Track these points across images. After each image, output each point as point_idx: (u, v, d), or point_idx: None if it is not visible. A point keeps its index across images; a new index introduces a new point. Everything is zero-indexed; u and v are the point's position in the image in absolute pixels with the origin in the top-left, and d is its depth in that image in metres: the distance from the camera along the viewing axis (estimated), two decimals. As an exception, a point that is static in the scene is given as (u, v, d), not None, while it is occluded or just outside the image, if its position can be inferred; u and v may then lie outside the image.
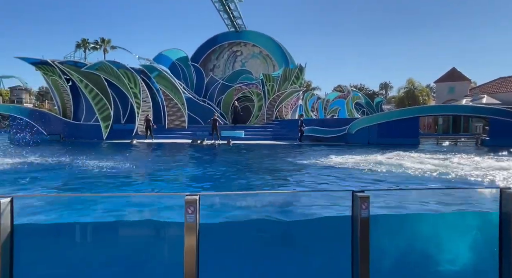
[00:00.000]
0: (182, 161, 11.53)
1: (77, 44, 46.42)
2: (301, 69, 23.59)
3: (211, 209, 3.26)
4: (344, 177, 7.07)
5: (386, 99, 55.55)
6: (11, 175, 7.19)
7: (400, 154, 10.76)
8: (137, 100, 20.07)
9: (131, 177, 7.42)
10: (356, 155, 10.72)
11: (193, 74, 25.55)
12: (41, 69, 20.31)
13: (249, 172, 8.37)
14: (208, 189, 5.72)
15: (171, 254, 3.19)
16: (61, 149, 14.07)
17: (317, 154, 12.05)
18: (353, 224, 2.66)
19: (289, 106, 23.66)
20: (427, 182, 6.35)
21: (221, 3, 26.42)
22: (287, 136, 20.37)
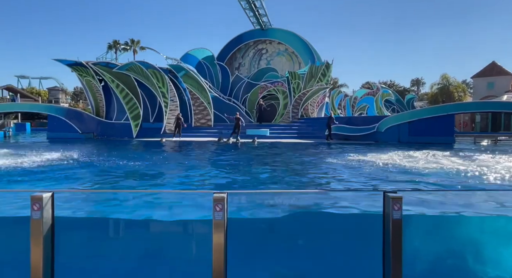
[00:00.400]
0: (216, 158, 11.68)
1: (109, 45, 48.42)
2: (327, 66, 23.18)
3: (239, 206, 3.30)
4: (387, 176, 6.82)
5: (418, 96, 53.33)
6: (56, 170, 7.63)
7: (445, 154, 10.33)
8: (165, 100, 20.62)
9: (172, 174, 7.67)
10: (390, 152, 10.42)
11: (219, 73, 25.88)
12: (76, 70, 21.38)
13: (281, 171, 8.36)
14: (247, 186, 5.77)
15: (200, 250, 3.26)
16: (100, 147, 14.72)
17: (346, 152, 11.83)
18: (385, 225, 2.59)
19: (315, 104, 23.34)
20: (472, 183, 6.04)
21: (247, 1, 26.51)
22: (313, 135, 20.12)
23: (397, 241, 2.48)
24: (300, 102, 22.82)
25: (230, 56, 28.52)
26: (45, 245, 2.65)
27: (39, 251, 2.63)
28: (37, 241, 2.63)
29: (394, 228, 2.50)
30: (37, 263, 2.63)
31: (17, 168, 7.81)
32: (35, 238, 2.63)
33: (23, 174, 7.05)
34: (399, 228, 2.51)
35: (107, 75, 20.54)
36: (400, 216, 2.56)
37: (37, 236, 2.63)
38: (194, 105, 21.45)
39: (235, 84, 24.93)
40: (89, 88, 21.83)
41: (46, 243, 2.67)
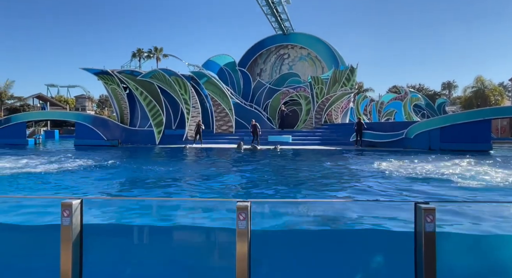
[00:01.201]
0: (239, 166, 11.72)
1: (133, 53, 50.27)
2: (352, 70, 22.88)
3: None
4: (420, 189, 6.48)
5: (450, 100, 51.37)
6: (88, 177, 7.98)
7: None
8: (187, 106, 21.06)
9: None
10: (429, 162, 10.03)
11: (240, 79, 26.17)
12: (102, 78, 22.31)
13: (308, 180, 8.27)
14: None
15: (223, 258, 3.28)
16: (127, 155, 15.03)
17: (375, 159, 11.54)
18: (416, 238, 2.50)
19: (339, 110, 23.03)
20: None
21: (269, 7, 26.78)
22: (337, 141, 19.84)
23: (431, 255, 2.39)
24: (324, 108, 22.61)
25: (251, 62, 28.81)
26: (74, 250, 2.76)
27: (68, 255, 2.74)
28: (66, 246, 2.75)
29: (426, 242, 2.41)
30: (66, 268, 2.74)
31: (63, 172, 8.21)
32: (65, 243, 2.75)
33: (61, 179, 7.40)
34: (433, 242, 2.42)
35: (132, 83, 21.28)
36: (434, 228, 2.46)
37: (67, 241, 2.75)
38: (216, 112, 21.76)
39: (257, 90, 25.10)
40: (114, 96, 22.68)
41: (75, 248, 2.78)
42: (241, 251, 2.73)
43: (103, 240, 3.36)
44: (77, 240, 2.80)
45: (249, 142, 18.60)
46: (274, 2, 26.24)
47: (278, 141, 18.96)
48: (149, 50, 51.50)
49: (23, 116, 23.37)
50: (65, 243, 2.75)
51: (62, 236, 2.74)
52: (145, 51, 51.28)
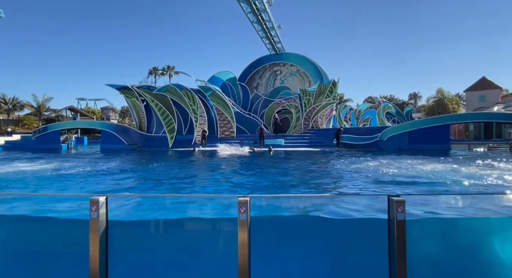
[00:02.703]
0: (246, 163, 11.64)
1: (149, 71, 50.29)
2: (334, 84, 22.99)
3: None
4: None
5: (416, 108, 51.65)
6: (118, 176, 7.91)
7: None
8: (195, 115, 21.05)
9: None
10: (410, 160, 10.05)
11: (240, 91, 26.22)
12: (123, 92, 22.26)
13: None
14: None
15: (227, 247, 3.27)
16: (149, 157, 14.70)
17: (356, 158, 11.57)
18: (390, 227, 2.51)
19: (323, 117, 23.11)
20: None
21: (264, 31, 26.91)
22: (322, 144, 19.91)
23: (402, 242, 2.39)
24: (311, 116, 22.68)
25: (249, 77, 28.90)
26: (100, 241, 2.74)
27: (96, 246, 2.72)
28: (94, 237, 2.73)
29: (398, 230, 2.42)
30: (94, 256, 2.72)
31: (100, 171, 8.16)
32: (93, 235, 2.73)
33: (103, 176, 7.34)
34: (403, 230, 2.43)
35: (148, 96, 21.25)
36: (404, 217, 2.48)
37: (95, 233, 2.73)
38: (220, 120, 21.74)
39: (254, 101, 25.14)
40: (133, 107, 22.63)
41: (102, 238, 2.76)
42: (242, 238, 2.73)
43: (124, 231, 3.34)
44: (104, 231, 2.78)
45: (248, 145, 18.56)
46: (268, 28, 26.37)
47: (273, 144, 18.96)
48: (163, 68, 51.57)
49: (57, 126, 23.24)
50: (94, 234, 2.74)
51: (91, 228, 2.73)
52: (160, 69, 51.35)
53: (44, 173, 8.42)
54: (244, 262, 2.73)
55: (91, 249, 2.72)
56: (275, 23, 26.55)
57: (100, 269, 2.73)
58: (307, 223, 3.35)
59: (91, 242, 2.71)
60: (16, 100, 46.90)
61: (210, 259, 3.31)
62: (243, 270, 2.72)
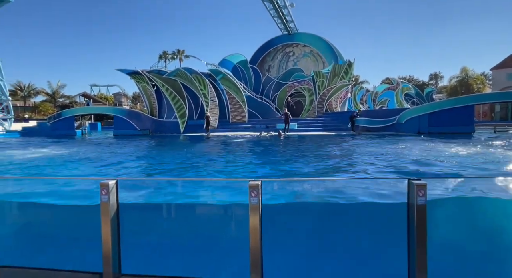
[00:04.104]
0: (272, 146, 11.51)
1: (160, 55, 50.19)
2: (349, 64, 22.24)
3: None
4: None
5: (437, 89, 49.62)
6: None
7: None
8: (206, 100, 21.00)
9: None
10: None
11: (252, 75, 25.83)
12: (134, 77, 22.38)
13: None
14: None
15: (239, 230, 3.27)
16: (163, 142, 14.66)
17: (373, 142, 11.31)
18: (409, 211, 2.40)
19: (338, 100, 22.57)
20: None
21: (275, 10, 26.07)
22: (337, 127, 19.56)
23: (422, 228, 2.29)
24: (325, 99, 22.19)
25: (261, 59, 28.36)
26: (112, 223, 2.78)
27: (108, 228, 2.76)
28: (105, 220, 2.77)
29: (418, 215, 2.31)
30: (106, 238, 2.77)
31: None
32: (104, 217, 2.77)
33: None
34: (424, 215, 2.31)
35: (159, 80, 21.28)
36: (425, 202, 2.36)
37: (106, 216, 2.77)
38: (231, 104, 21.63)
39: (266, 84, 24.77)
40: (144, 92, 22.79)
41: (113, 221, 2.80)
42: (254, 223, 2.70)
43: (136, 214, 3.38)
44: (115, 214, 2.82)
45: (260, 130, 18.47)
46: (280, 6, 25.49)
47: (282, 129, 18.77)
48: (173, 52, 51.33)
49: (71, 111, 23.80)
50: (105, 217, 2.77)
51: (101, 211, 2.76)
52: (170, 53, 51.13)
53: (64, 157, 8.70)
54: (256, 247, 2.71)
55: (103, 232, 2.76)
56: (287, 1, 25.60)
57: (112, 251, 2.79)
58: (322, 209, 3.29)
59: (103, 225, 2.76)
60: (32, 87, 48.23)
61: (222, 244, 3.33)
62: (255, 254, 2.71)
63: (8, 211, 3.78)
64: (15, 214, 3.74)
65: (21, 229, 3.66)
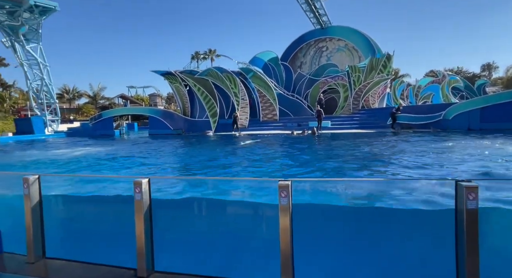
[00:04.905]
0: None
1: (192, 56, 51.92)
2: (388, 57, 21.11)
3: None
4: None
5: (490, 81, 45.29)
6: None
7: None
8: (236, 99, 21.26)
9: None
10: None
11: (283, 72, 25.63)
12: (167, 78, 23.37)
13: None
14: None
15: (268, 229, 3.25)
16: (199, 141, 14.95)
17: (419, 139, 10.64)
18: (457, 216, 2.20)
19: (376, 95, 21.54)
20: None
21: (307, 4, 25.62)
22: (375, 125, 18.67)
23: (473, 234, 2.08)
24: (361, 94, 21.32)
25: (292, 56, 28.02)
26: (145, 219, 2.92)
27: (141, 225, 2.90)
28: (139, 217, 2.91)
29: (469, 220, 2.10)
30: (140, 235, 2.91)
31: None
32: (138, 214, 2.91)
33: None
34: (475, 220, 2.10)
35: (191, 80, 21.98)
36: (476, 206, 2.14)
37: (139, 212, 2.91)
38: (262, 102, 21.66)
39: (298, 81, 24.43)
40: (177, 92, 23.69)
41: (146, 219, 2.93)
42: (284, 224, 2.67)
43: (168, 211, 3.51)
44: (147, 211, 2.95)
45: (291, 128, 18.28)
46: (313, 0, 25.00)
47: (316, 126, 18.36)
48: (204, 52, 52.78)
49: (110, 112, 25.50)
50: (138, 213, 2.91)
51: (135, 208, 2.90)
52: (201, 53, 52.63)
53: (107, 155, 9.37)
54: (287, 249, 2.67)
55: (137, 229, 2.91)
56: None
57: (146, 248, 2.92)
58: (359, 213, 3.15)
59: (136, 222, 2.90)
60: (76, 90, 52.60)
61: (252, 244, 3.33)
62: (286, 256, 2.67)
63: (54, 206, 4.13)
64: (60, 208, 4.08)
65: (65, 222, 3.97)
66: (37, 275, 3.01)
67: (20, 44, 21.92)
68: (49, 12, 21.78)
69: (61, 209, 4.25)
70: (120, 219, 3.81)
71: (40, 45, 22.89)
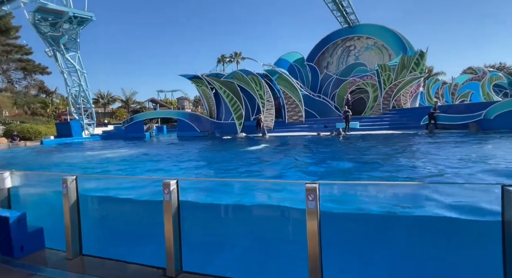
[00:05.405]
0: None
1: (218, 59, 52.96)
2: (421, 55, 20.09)
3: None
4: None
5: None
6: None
7: None
8: (262, 101, 21.31)
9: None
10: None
11: (309, 73, 25.33)
12: (194, 82, 24.00)
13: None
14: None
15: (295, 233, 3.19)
16: (228, 143, 15.24)
17: (461, 141, 10.00)
18: (504, 226, 2.01)
19: (408, 95, 20.56)
20: None
21: (334, 3, 25.14)
22: (407, 125, 17.81)
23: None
24: (392, 94, 20.47)
25: (318, 56, 27.60)
26: (173, 221, 2.99)
27: (170, 225, 2.98)
28: (168, 218, 2.99)
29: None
30: (169, 235, 2.99)
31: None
32: (167, 215, 2.99)
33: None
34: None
35: (217, 84, 22.39)
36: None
37: (168, 214, 2.98)
38: (287, 104, 21.53)
39: (324, 82, 24.00)
40: (204, 95, 24.23)
41: (174, 219, 3.00)
42: (312, 228, 2.61)
43: (195, 213, 3.57)
44: (176, 212, 3.02)
45: (317, 130, 17.97)
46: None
47: (343, 127, 17.88)
48: (230, 55, 53.60)
49: (141, 116, 26.65)
50: (167, 214, 2.99)
51: (164, 209, 2.99)
52: (227, 56, 53.51)
53: (137, 157, 9.82)
54: (315, 254, 2.61)
55: (166, 229, 2.98)
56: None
57: (174, 248, 2.99)
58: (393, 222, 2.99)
59: (165, 222, 2.98)
60: (110, 95, 55.67)
61: (280, 249, 3.29)
62: (314, 261, 2.61)
63: (90, 205, 4.36)
64: (95, 208, 4.31)
65: (100, 221, 4.18)
66: (75, 271, 3.19)
67: (60, 53, 23.62)
68: (86, 22, 23.27)
69: (95, 208, 4.48)
70: (149, 219, 3.93)
71: (78, 54, 24.50)
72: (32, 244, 3.63)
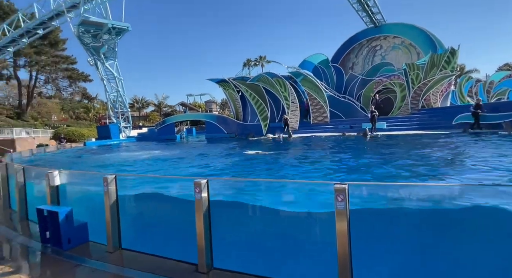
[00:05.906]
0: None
1: (244, 63, 53.52)
2: (452, 52, 18.88)
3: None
4: None
5: None
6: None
7: None
8: (287, 102, 21.17)
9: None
10: None
11: (333, 74, 24.78)
12: (221, 85, 24.41)
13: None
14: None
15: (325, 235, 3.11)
16: (263, 143, 15.40)
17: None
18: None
19: (438, 94, 19.40)
20: None
21: (360, 3, 24.43)
22: (437, 125, 16.77)
23: None
24: (420, 93, 19.42)
25: (343, 57, 26.95)
26: (204, 219, 3.03)
27: (201, 223, 3.02)
28: (199, 216, 3.04)
29: None
30: (200, 233, 3.04)
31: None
32: (198, 212, 3.04)
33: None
34: None
35: (243, 87, 22.58)
36: None
37: (199, 212, 3.04)
38: (312, 105, 21.21)
39: (349, 82, 23.34)
40: (230, 98, 24.55)
41: (205, 217, 3.05)
42: (341, 229, 2.53)
43: (225, 212, 3.60)
44: (206, 211, 3.06)
45: (342, 130, 17.48)
46: (364, -2, 23.74)
47: (369, 128, 17.22)
48: (255, 59, 53.95)
49: (172, 119, 27.56)
50: (198, 212, 3.04)
51: (196, 208, 3.04)
52: (252, 60, 53.90)
53: (171, 158, 10.16)
54: (345, 255, 2.52)
55: (197, 227, 3.04)
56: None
57: (205, 245, 3.03)
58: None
59: (197, 220, 3.03)
60: (144, 100, 58.20)
61: (312, 250, 3.21)
62: (344, 263, 2.52)
63: (128, 202, 4.55)
64: (133, 205, 4.49)
65: (138, 217, 4.35)
66: (115, 264, 3.34)
67: (101, 61, 25.10)
68: (123, 32, 24.53)
69: (132, 206, 4.67)
70: (182, 217, 4.02)
71: (116, 62, 25.88)
72: (78, 237, 3.86)
